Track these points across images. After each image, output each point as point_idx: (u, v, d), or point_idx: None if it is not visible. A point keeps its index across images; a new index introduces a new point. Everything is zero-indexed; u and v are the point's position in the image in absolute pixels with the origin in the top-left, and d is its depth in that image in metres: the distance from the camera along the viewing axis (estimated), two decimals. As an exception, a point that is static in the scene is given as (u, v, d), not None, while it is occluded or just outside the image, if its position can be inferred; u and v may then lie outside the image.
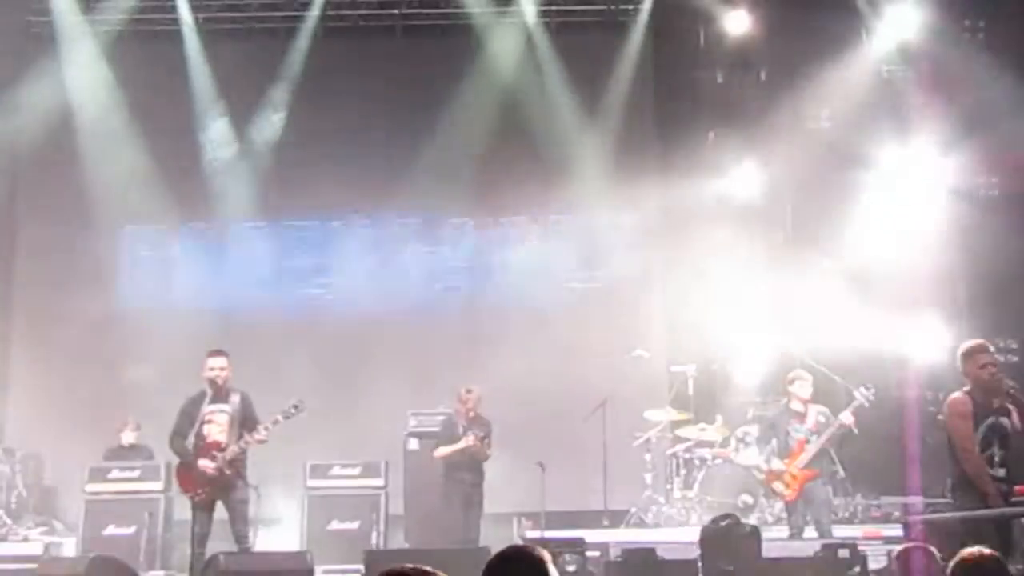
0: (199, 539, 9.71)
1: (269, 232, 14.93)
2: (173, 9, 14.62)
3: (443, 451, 11.34)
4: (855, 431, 10.39)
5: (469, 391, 11.40)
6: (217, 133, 14.73)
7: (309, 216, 14.97)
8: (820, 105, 14.47)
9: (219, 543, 10.00)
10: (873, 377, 11.28)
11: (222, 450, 9.75)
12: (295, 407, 9.87)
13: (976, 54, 13.73)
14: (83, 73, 14.45)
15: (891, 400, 13.10)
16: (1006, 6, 13.98)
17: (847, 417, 10.33)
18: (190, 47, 14.68)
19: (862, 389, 10.45)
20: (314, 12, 14.71)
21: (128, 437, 12.63)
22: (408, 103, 14.69)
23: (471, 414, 11.35)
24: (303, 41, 14.70)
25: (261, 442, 9.87)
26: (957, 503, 8.04)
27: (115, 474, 11.95)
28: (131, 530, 11.56)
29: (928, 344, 13.16)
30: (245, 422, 9.90)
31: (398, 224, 14.90)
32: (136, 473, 11.96)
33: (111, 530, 11.55)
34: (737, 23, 14.42)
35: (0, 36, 14.14)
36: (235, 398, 9.92)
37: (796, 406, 10.48)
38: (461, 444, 11.19)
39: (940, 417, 8.30)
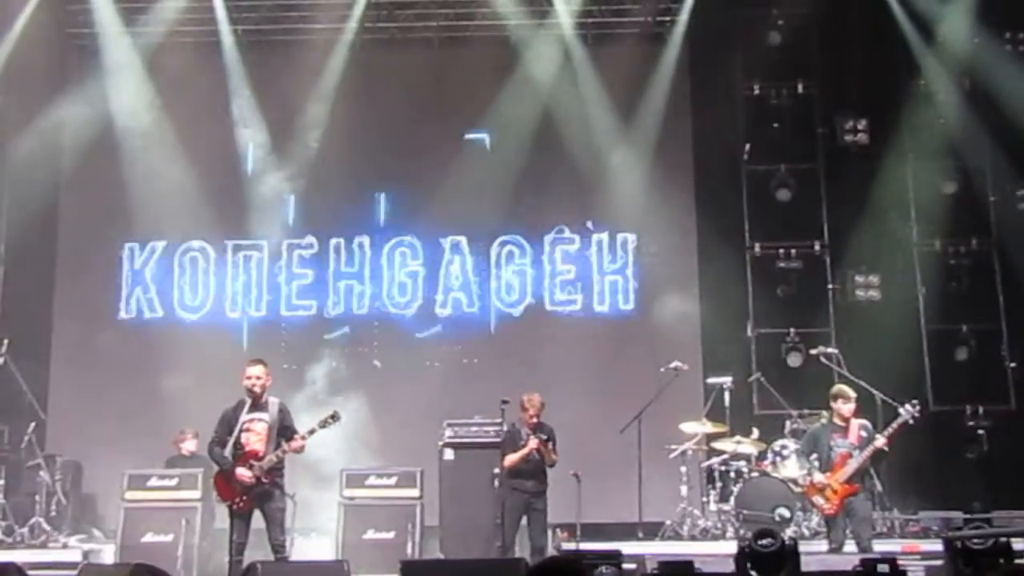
0: (237, 548, 9.75)
1: (309, 245, 14.99)
2: (213, 21, 14.75)
3: (511, 458, 11.20)
4: (887, 450, 10.29)
5: (531, 397, 11.30)
6: (256, 145, 14.81)
7: (348, 229, 15.02)
8: (859, 119, 14.43)
9: (255, 552, 10.04)
10: (913, 390, 11.23)
11: (260, 459, 9.80)
12: (332, 417, 9.93)
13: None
14: (124, 85, 14.59)
15: (929, 413, 13.03)
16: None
17: (880, 441, 10.26)
18: (229, 59, 14.80)
19: (907, 406, 10.34)
20: (352, 24, 14.79)
21: (189, 446, 12.83)
22: (445, 115, 14.74)
23: (534, 420, 11.27)
24: (342, 53, 14.79)
25: (298, 451, 9.93)
26: None
27: (154, 482, 12.02)
28: (169, 538, 11.62)
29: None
30: (283, 431, 9.95)
31: (436, 237, 14.93)
32: (174, 481, 12.04)
33: (149, 538, 11.61)
34: (775, 35, 14.42)
35: (43, 49, 14.33)
36: (273, 407, 9.97)
37: (838, 421, 10.42)
38: (527, 448, 11.11)
39: None
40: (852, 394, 10.46)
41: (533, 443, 11.00)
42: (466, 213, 14.63)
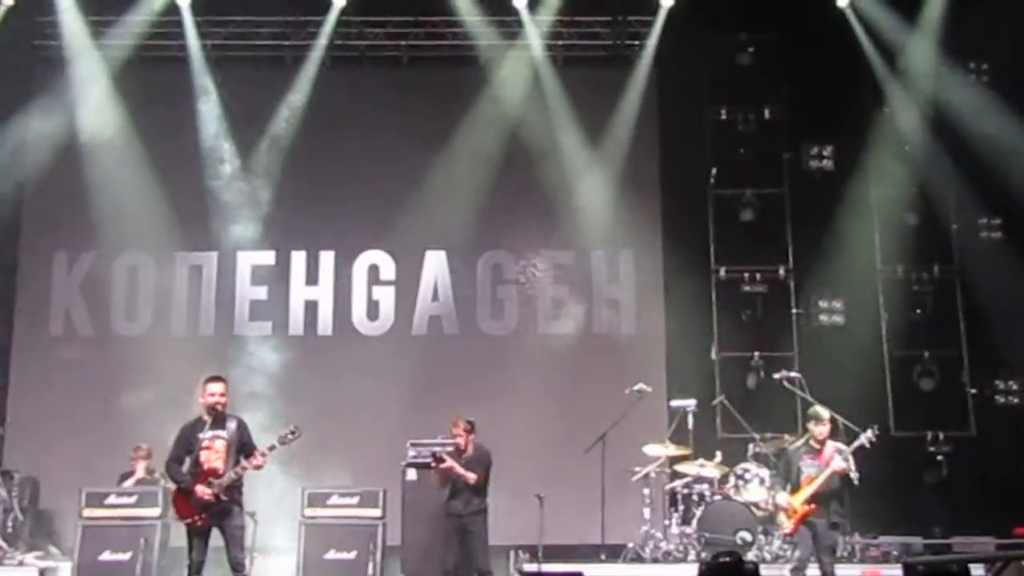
0: (196, 567, 9.65)
1: (270, 259, 14.93)
2: (181, 36, 14.72)
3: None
4: (852, 476, 10.25)
5: (453, 420, 11.29)
6: (222, 160, 14.76)
7: (311, 245, 14.98)
8: (824, 145, 14.60)
9: (214, 570, 9.95)
10: (874, 416, 11.28)
11: (219, 476, 9.71)
12: (292, 433, 9.85)
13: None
14: (91, 98, 14.53)
15: (889, 438, 13.12)
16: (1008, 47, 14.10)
17: (838, 464, 10.25)
18: (197, 74, 14.75)
19: (868, 432, 10.36)
20: (321, 41, 14.82)
21: (142, 467, 12.66)
22: (413, 134, 14.74)
23: (457, 441, 11.28)
24: (310, 70, 14.79)
25: (258, 467, 9.83)
26: None
27: (112, 499, 11.85)
28: (126, 556, 11.46)
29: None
30: (242, 448, 9.86)
31: (400, 254, 14.90)
32: (133, 499, 11.89)
33: (107, 556, 11.45)
34: (743, 60, 14.59)
35: (9, 60, 14.24)
36: (232, 424, 9.88)
37: (813, 443, 10.43)
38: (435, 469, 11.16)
39: None
40: (825, 416, 10.44)
41: (445, 465, 10.97)
42: (433, 230, 14.62)
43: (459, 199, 14.45)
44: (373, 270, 14.96)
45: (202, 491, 9.67)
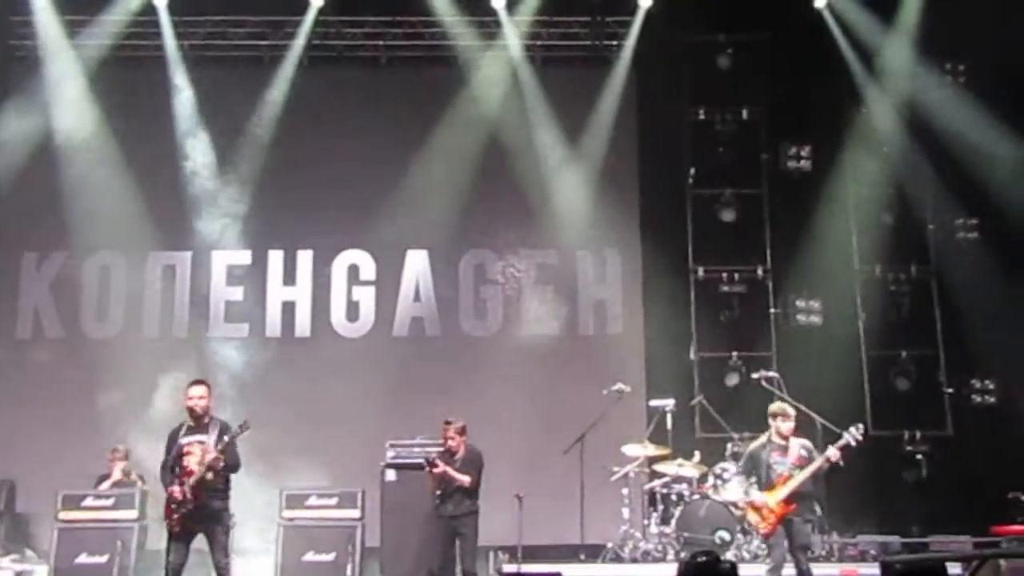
0: (173, 569, 9.61)
1: (246, 259, 14.85)
2: (158, 35, 14.63)
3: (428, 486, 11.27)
4: (841, 464, 10.27)
5: (447, 422, 11.31)
6: (199, 161, 14.68)
7: (288, 244, 14.89)
8: (802, 145, 14.66)
9: (195, 572, 9.91)
10: (852, 415, 11.32)
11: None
12: (240, 427, 9.80)
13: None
14: (66, 97, 14.43)
15: (867, 438, 13.15)
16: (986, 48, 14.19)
17: (833, 453, 10.22)
18: (174, 74, 14.67)
19: (852, 429, 10.36)
20: (299, 41, 14.76)
21: (120, 468, 12.54)
22: (392, 133, 14.71)
23: (448, 444, 11.27)
24: (288, 70, 14.73)
25: (214, 465, 9.73)
26: None
27: (88, 502, 11.80)
28: (103, 559, 11.41)
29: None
30: (224, 452, 9.82)
31: (380, 254, 14.85)
32: (110, 501, 11.83)
33: (83, 559, 11.40)
34: (721, 61, 14.63)
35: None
36: (214, 429, 9.85)
37: (778, 440, 10.42)
38: (430, 474, 11.15)
39: None
40: (791, 412, 10.46)
41: (439, 469, 10.97)
42: (415, 229, 14.59)
43: (440, 198, 14.41)
44: (353, 270, 14.89)
45: (174, 489, 9.67)
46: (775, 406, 10.70)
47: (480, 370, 14.22)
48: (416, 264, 14.85)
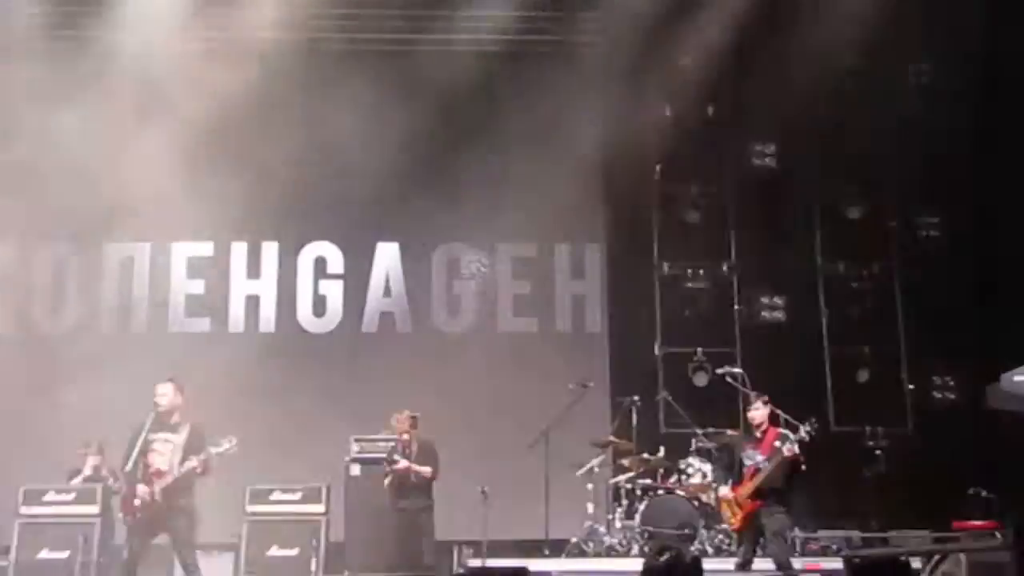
0: (129, 564, 9.57)
1: (208, 251, 14.69)
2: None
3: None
4: (803, 465, 10.26)
5: (399, 415, 11.35)
6: (156, 144, 14.30)
7: (252, 235, 14.70)
8: (767, 143, 14.73)
9: (157, 567, 9.86)
10: (815, 411, 11.40)
11: (162, 478, 9.64)
12: (228, 448, 9.77)
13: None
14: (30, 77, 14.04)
15: (829, 433, 13.27)
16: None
17: (787, 448, 10.22)
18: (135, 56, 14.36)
19: (807, 425, 10.42)
20: (264, 30, 14.54)
21: (92, 462, 12.38)
22: (360, 122, 14.50)
23: (404, 437, 11.34)
24: (253, 58, 14.49)
25: (199, 472, 9.70)
26: None
27: (50, 496, 11.70)
28: (65, 554, 11.32)
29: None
30: (196, 453, 9.78)
31: (348, 246, 14.75)
32: (71, 496, 11.74)
33: (44, 554, 11.32)
34: (687, 57, 14.64)
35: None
36: (184, 428, 9.79)
37: (755, 432, 10.44)
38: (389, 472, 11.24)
39: None
40: (758, 401, 10.41)
41: (402, 465, 10.93)
42: (370, 223, 14.49)
43: (412, 188, 14.28)
44: (320, 263, 14.78)
45: (141, 490, 9.61)
46: (750, 396, 10.74)
47: (450, 366, 14.14)
48: (387, 256, 14.75)
